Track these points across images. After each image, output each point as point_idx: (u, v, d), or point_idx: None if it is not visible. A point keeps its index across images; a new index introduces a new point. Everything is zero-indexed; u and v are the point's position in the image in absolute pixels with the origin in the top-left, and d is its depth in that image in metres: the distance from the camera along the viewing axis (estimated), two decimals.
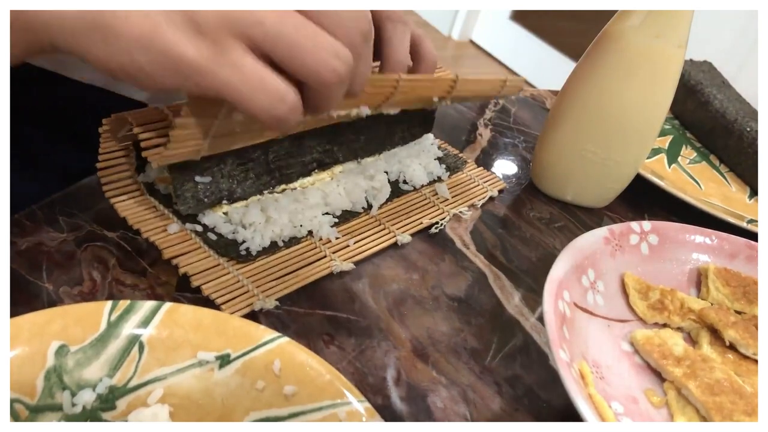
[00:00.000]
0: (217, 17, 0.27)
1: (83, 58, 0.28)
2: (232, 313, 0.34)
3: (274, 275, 0.38)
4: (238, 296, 0.36)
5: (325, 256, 0.40)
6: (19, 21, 0.27)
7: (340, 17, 0.29)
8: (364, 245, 0.42)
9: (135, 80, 0.28)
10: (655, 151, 0.65)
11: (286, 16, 0.28)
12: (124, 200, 0.38)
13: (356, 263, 0.41)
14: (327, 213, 0.43)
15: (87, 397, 0.25)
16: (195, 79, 0.27)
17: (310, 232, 0.41)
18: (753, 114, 0.66)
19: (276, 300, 0.36)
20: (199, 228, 0.38)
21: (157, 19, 0.26)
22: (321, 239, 0.41)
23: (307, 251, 0.40)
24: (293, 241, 0.40)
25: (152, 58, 0.27)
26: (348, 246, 0.42)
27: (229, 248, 0.38)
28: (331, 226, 0.42)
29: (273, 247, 0.39)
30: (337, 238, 0.42)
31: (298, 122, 0.30)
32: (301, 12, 0.28)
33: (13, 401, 0.24)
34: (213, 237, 0.38)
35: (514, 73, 2.62)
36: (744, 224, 0.53)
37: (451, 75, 0.42)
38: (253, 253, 0.38)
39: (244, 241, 0.39)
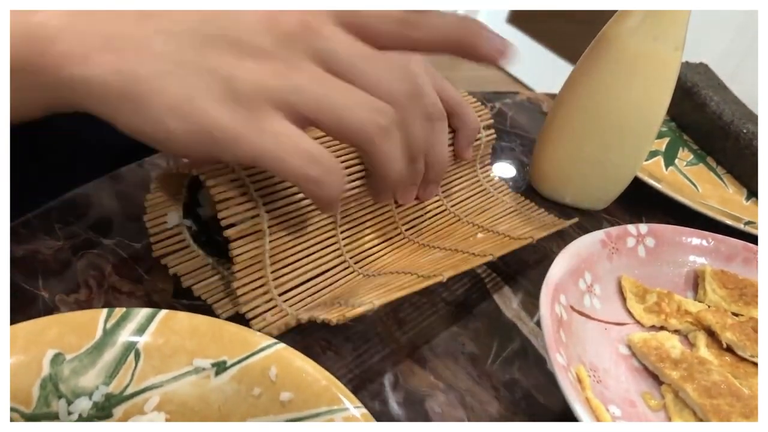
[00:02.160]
0: (255, 85, 0.26)
1: (111, 122, 0.27)
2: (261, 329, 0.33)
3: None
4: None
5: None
6: (38, 80, 0.26)
7: (379, 78, 0.29)
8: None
9: (167, 148, 0.27)
10: (652, 154, 0.65)
11: (324, 80, 0.27)
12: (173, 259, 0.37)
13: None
14: None
15: (83, 406, 0.25)
16: (231, 148, 0.27)
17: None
18: (749, 116, 0.66)
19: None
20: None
21: (193, 88, 0.26)
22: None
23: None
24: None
25: (188, 127, 0.26)
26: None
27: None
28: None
29: None
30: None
31: (341, 193, 0.29)
32: (337, 75, 0.28)
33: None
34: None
35: (510, 76, 2.63)
36: (741, 226, 0.53)
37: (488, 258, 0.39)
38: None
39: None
